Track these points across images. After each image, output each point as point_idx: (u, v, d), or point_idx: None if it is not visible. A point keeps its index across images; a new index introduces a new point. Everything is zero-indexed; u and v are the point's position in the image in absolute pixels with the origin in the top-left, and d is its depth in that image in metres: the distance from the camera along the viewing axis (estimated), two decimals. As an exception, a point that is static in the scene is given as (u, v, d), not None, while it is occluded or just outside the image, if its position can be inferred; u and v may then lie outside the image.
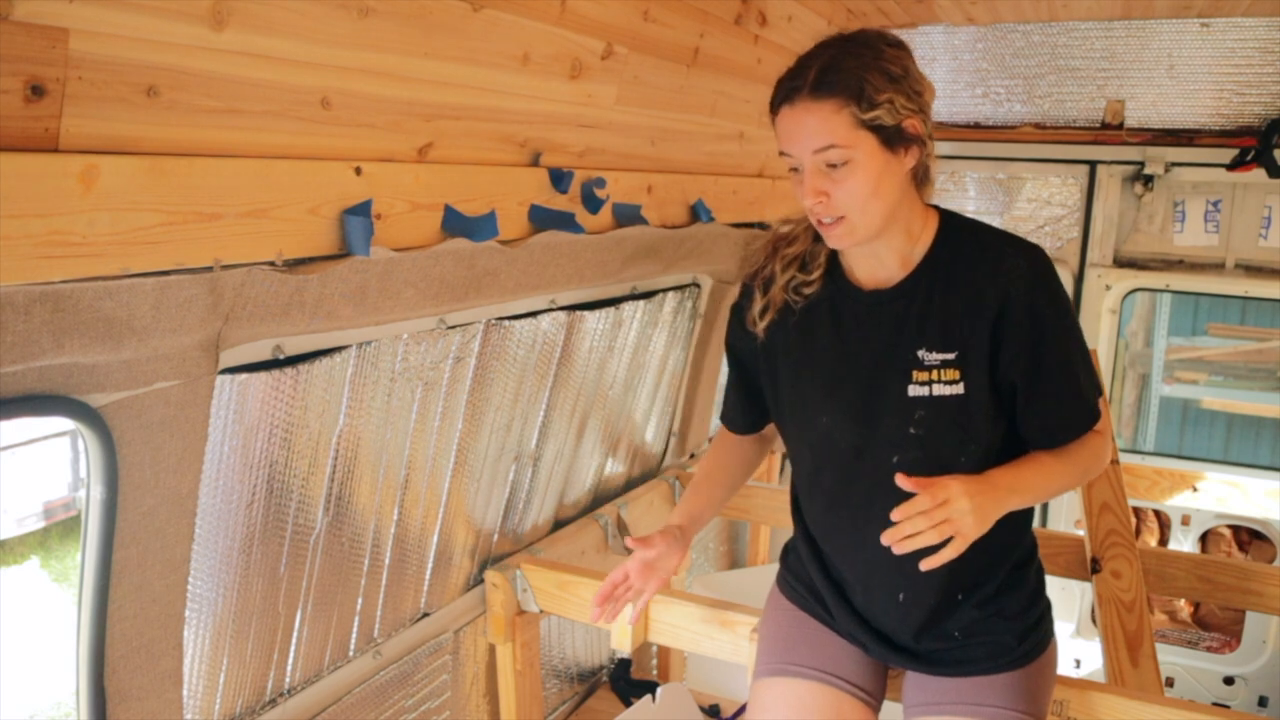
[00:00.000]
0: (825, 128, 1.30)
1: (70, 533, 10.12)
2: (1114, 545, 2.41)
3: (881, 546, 1.47)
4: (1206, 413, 6.69)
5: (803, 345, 1.49)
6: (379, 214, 1.39)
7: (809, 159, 1.33)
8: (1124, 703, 1.70)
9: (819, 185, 1.33)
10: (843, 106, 1.29)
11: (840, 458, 1.48)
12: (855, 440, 1.46)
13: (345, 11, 1.22)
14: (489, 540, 2.19)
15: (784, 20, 2.35)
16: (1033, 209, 3.42)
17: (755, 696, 1.61)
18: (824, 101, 1.30)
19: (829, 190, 1.33)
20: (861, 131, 1.30)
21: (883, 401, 1.43)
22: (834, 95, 1.29)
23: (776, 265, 1.51)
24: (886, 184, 1.34)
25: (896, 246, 1.42)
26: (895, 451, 1.43)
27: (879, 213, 1.35)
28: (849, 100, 1.29)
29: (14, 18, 0.89)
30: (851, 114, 1.29)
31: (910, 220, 1.41)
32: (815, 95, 1.30)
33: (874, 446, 1.45)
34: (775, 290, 1.50)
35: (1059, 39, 3.07)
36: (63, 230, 0.98)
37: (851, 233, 1.36)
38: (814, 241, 1.49)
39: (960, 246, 1.42)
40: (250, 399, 1.43)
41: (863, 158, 1.31)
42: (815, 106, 1.30)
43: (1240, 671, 3.32)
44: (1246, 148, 3.00)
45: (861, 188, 1.32)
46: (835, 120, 1.30)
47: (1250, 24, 2.83)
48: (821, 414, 1.48)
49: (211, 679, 1.53)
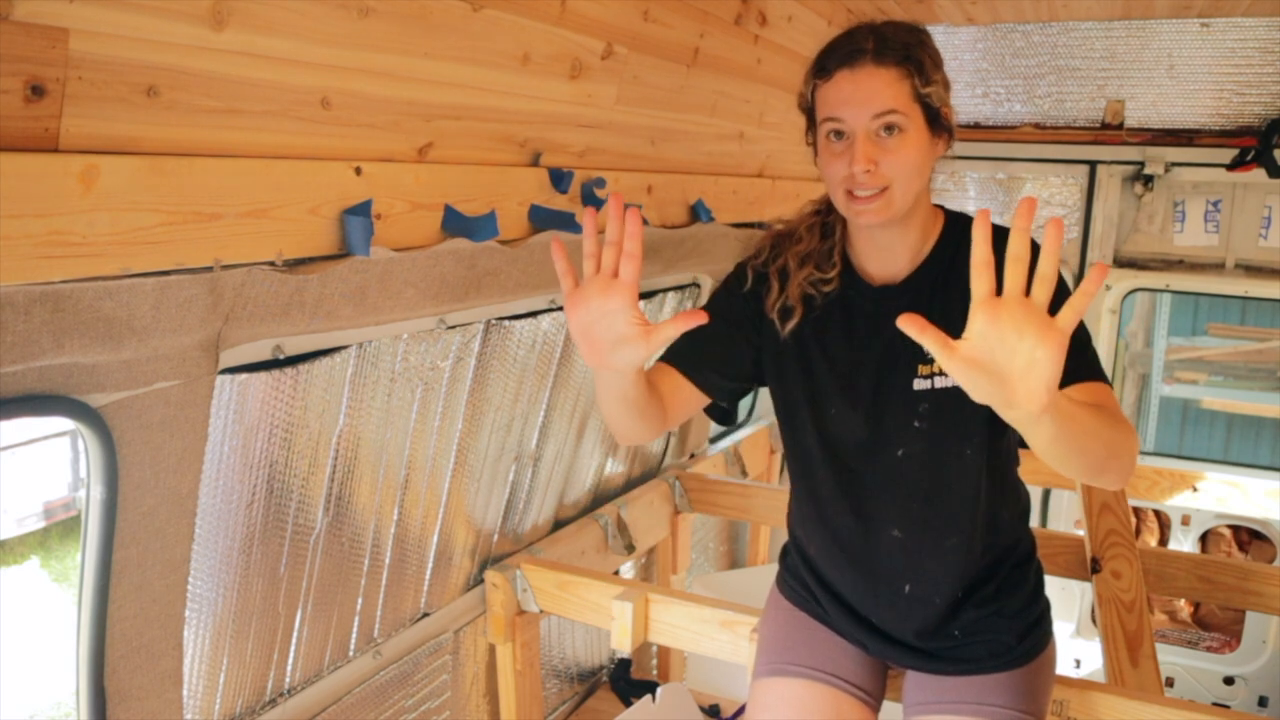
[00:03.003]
0: (890, 92, 1.30)
1: (70, 533, 10.12)
2: (1114, 545, 2.41)
3: (887, 542, 1.49)
4: (1206, 413, 6.69)
5: (817, 341, 1.49)
6: (379, 214, 1.39)
7: (865, 124, 1.31)
8: (1124, 703, 1.70)
9: (871, 153, 1.31)
10: (906, 76, 1.31)
11: (846, 452, 1.49)
12: (861, 434, 1.46)
13: (345, 11, 1.21)
14: (489, 540, 2.19)
15: (784, 20, 2.35)
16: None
17: (755, 696, 1.62)
18: (889, 68, 1.31)
19: (879, 159, 1.32)
20: (916, 105, 1.32)
21: (889, 395, 1.43)
22: (900, 64, 1.31)
23: (791, 261, 1.49)
24: (926, 165, 1.36)
25: (910, 240, 1.42)
26: (900, 445, 1.44)
27: (914, 191, 1.35)
28: (912, 71, 1.31)
29: (14, 18, 0.88)
30: (913, 85, 1.31)
31: (925, 214, 1.43)
32: (880, 61, 1.31)
33: (879, 440, 1.45)
34: (793, 287, 1.48)
35: (1059, 39, 3.08)
36: (63, 230, 0.98)
37: (889, 205, 1.34)
38: (821, 239, 1.49)
39: (962, 240, 1.41)
40: (250, 399, 1.43)
41: (914, 131, 1.32)
42: (880, 71, 1.31)
43: (1240, 671, 3.32)
44: (1246, 148, 3.00)
45: (911, 160, 1.32)
46: (899, 87, 1.31)
47: (1250, 24, 2.83)
48: (830, 407, 1.48)
49: (211, 679, 1.53)
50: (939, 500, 1.46)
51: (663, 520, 2.75)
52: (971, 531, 1.47)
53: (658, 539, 2.75)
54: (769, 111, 2.52)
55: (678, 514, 2.81)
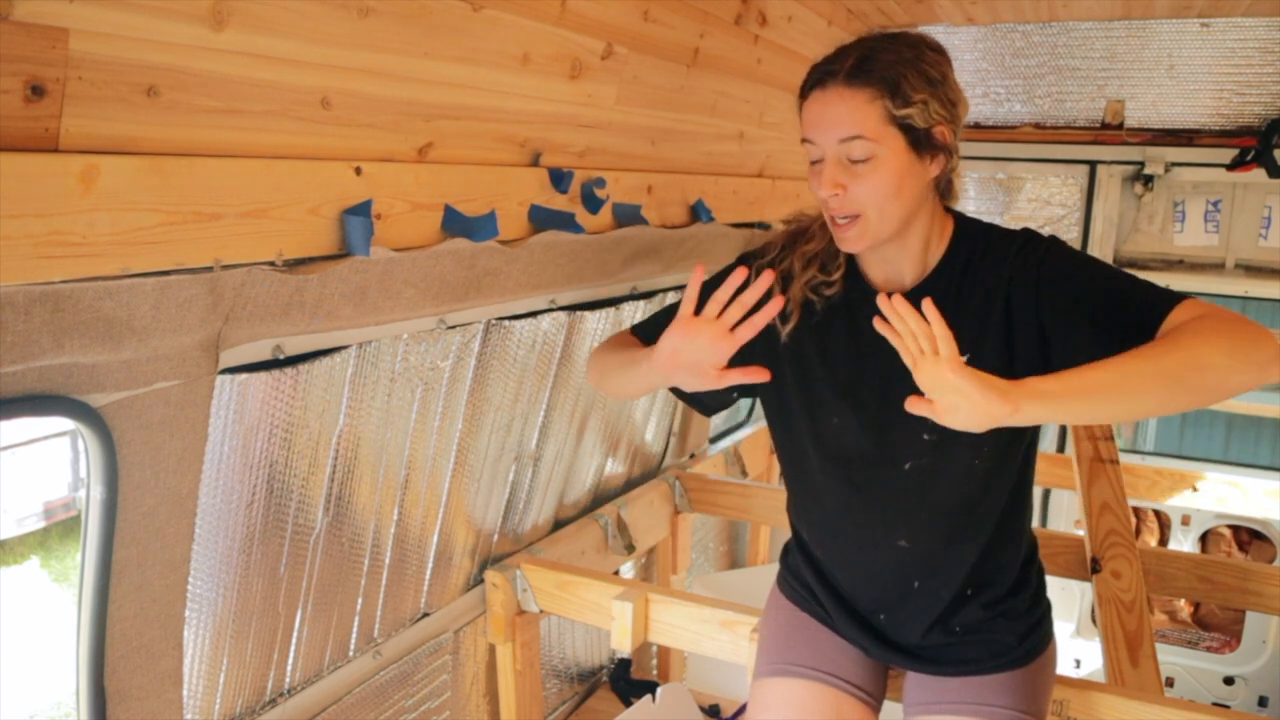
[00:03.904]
0: (855, 117, 1.26)
1: (70, 533, 10.12)
2: (1114, 545, 2.41)
3: (894, 551, 1.47)
4: (1206, 412, 6.69)
5: (819, 347, 1.46)
6: (379, 214, 1.39)
7: (832, 148, 1.28)
8: (1124, 703, 1.70)
9: (838, 177, 1.28)
10: (876, 98, 1.25)
11: (849, 461, 1.46)
12: (866, 445, 1.44)
13: (345, 11, 1.21)
14: (489, 540, 2.19)
15: (784, 20, 2.35)
16: (1033, 209, 3.42)
17: (755, 697, 1.62)
18: (858, 90, 1.26)
19: (847, 184, 1.28)
20: (891, 128, 1.26)
21: (896, 408, 1.37)
22: (869, 85, 1.25)
23: (796, 262, 1.46)
24: (908, 188, 1.29)
25: (913, 253, 1.38)
26: (908, 458, 1.42)
27: (896, 216, 1.30)
28: (883, 92, 1.25)
29: (14, 18, 0.88)
30: (884, 107, 1.25)
31: (930, 229, 1.38)
32: (850, 82, 1.26)
33: (886, 452, 1.43)
34: (795, 289, 1.45)
35: (1059, 39, 3.08)
36: (63, 230, 0.98)
37: (865, 234, 1.31)
38: (830, 240, 1.44)
39: (973, 250, 1.38)
40: (250, 399, 1.43)
41: (888, 155, 1.27)
42: (848, 94, 1.26)
43: (1240, 671, 3.32)
44: (1246, 148, 3.00)
45: (882, 187, 1.28)
46: (867, 110, 1.26)
47: (1250, 24, 2.83)
48: (833, 416, 1.45)
49: (211, 679, 1.53)
50: (948, 511, 1.44)
51: (663, 520, 2.75)
52: (981, 540, 1.45)
53: (658, 539, 2.75)
54: (769, 111, 2.52)
55: (678, 514, 2.81)
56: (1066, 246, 1.36)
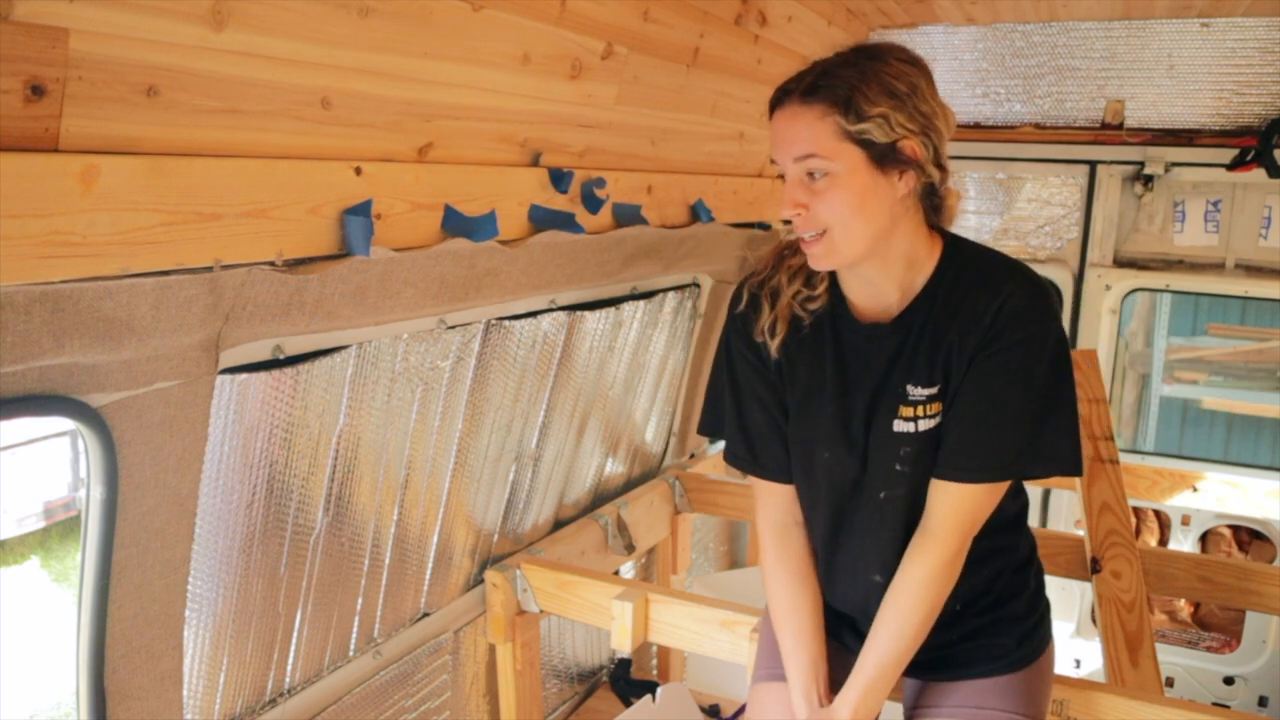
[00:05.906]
0: (808, 134, 1.25)
1: (70, 533, 10.11)
2: (1114, 545, 2.41)
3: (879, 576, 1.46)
4: (1206, 413, 6.68)
5: (810, 376, 1.44)
6: (379, 214, 1.39)
7: (791, 167, 1.28)
8: (1124, 703, 1.70)
9: (798, 196, 1.27)
10: (827, 114, 1.24)
11: (838, 492, 1.45)
12: (853, 475, 1.43)
13: (345, 11, 1.22)
14: (489, 540, 2.19)
15: (784, 20, 2.35)
16: (1033, 209, 3.42)
17: (754, 701, 1.61)
18: (810, 107, 1.25)
19: (808, 203, 1.27)
20: (846, 144, 1.24)
21: (875, 437, 1.38)
22: (820, 101, 1.24)
23: (783, 276, 1.44)
24: (873, 205, 1.27)
25: (896, 276, 1.35)
26: (883, 488, 1.41)
27: (863, 235, 1.28)
28: (834, 108, 1.23)
29: (14, 18, 0.89)
30: (836, 123, 1.24)
31: (914, 249, 1.34)
32: (804, 100, 1.26)
33: (867, 482, 1.42)
34: (783, 303, 1.43)
35: (1059, 39, 3.08)
36: (63, 230, 0.98)
37: (832, 252, 1.29)
38: None
39: (961, 277, 1.34)
40: (250, 399, 1.43)
41: (845, 173, 1.25)
42: (802, 111, 1.26)
43: (1240, 671, 3.32)
44: (1246, 148, 3.00)
45: (842, 204, 1.26)
46: (819, 128, 1.24)
47: (1250, 24, 2.84)
48: (825, 449, 1.44)
49: (211, 679, 1.53)
50: None
51: (663, 520, 2.75)
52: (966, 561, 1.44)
53: (658, 539, 2.75)
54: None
55: (678, 514, 2.81)
56: (1034, 346, 1.30)
